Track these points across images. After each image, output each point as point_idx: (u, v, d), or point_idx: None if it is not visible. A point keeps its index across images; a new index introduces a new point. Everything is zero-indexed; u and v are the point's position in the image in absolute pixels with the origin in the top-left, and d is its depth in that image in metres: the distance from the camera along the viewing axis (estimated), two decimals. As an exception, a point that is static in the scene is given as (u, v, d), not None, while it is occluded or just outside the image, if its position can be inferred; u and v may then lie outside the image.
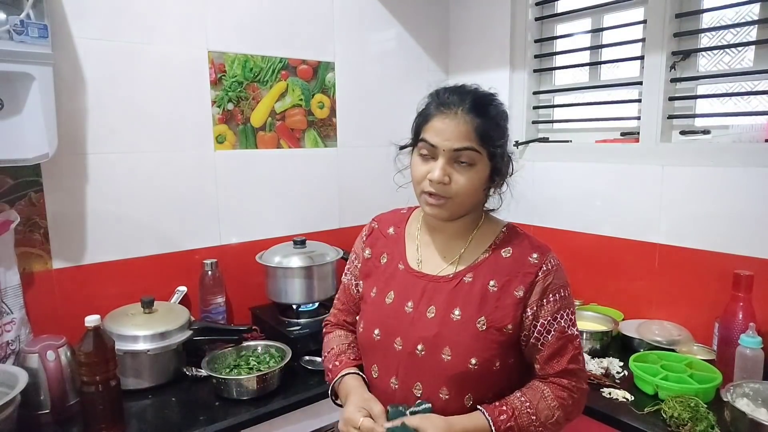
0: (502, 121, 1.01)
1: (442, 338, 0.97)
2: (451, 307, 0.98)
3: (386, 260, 1.11)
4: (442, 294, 1.00)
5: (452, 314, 0.98)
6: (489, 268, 1.00)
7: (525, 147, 2.10)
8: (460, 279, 1.00)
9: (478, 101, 0.97)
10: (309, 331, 1.60)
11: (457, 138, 0.95)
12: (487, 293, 0.98)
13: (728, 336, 1.37)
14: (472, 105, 0.96)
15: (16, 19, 1.20)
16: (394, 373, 1.01)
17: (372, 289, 1.10)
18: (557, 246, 1.95)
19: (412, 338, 0.99)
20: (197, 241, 1.73)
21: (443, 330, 0.97)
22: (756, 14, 1.52)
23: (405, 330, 1.00)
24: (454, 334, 0.96)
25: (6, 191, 1.39)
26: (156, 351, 1.37)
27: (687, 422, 1.16)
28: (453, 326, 0.97)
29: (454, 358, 0.95)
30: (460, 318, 0.97)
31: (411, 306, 1.01)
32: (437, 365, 0.96)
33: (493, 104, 1.00)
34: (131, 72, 1.55)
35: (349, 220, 2.07)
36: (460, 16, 2.27)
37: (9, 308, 1.36)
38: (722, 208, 1.53)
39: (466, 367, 0.95)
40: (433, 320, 0.99)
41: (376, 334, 1.04)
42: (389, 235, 1.14)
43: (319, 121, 1.98)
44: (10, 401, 1.09)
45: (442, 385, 0.96)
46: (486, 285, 0.98)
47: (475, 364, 0.94)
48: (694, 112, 1.68)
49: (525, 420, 0.93)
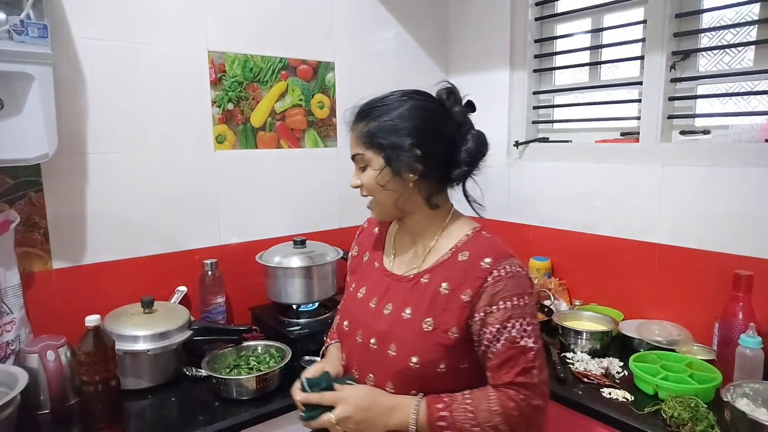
0: (399, 119, 1.00)
1: (390, 334, 1.01)
2: (404, 306, 1.02)
3: (367, 258, 1.19)
4: (400, 293, 1.05)
5: (404, 312, 1.01)
6: (445, 271, 1.01)
7: (525, 147, 2.10)
8: (418, 280, 1.04)
9: (363, 109, 1.04)
10: (309, 331, 1.60)
11: (352, 147, 1.05)
12: (437, 295, 0.99)
13: (728, 336, 1.37)
14: (357, 114, 1.05)
15: (16, 19, 1.20)
16: (356, 363, 1.08)
17: (352, 285, 1.18)
18: (557, 246, 1.97)
19: (369, 332, 1.05)
20: (197, 241, 1.73)
21: (393, 327, 1.02)
22: (756, 14, 1.52)
23: (366, 324, 1.07)
24: (401, 332, 1.00)
25: (6, 191, 1.39)
26: (156, 351, 1.37)
27: (687, 422, 1.16)
28: (402, 324, 1.01)
29: (397, 355, 0.99)
30: (409, 317, 1.00)
31: (374, 302, 1.08)
32: (384, 360, 1.01)
33: (384, 106, 1.01)
34: (131, 72, 1.55)
35: (349, 220, 2.07)
36: (459, 16, 2.27)
37: (9, 308, 1.36)
38: (722, 208, 1.53)
39: (407, 365, 0.97)
40: (387, 317, 1.04)
41: (345, 325, 1.13)
42: (373, 234, 1.21)
43: (319, 121, 1.98)
44: (10, 401, 1.09)
45: (388, 379, 1.01)
46: (438, 287, 1.00)
47: (416, 363, 0.97)
48: (694, 112, 1.68)
49: (461, 415, 0.92)
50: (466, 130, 1.05)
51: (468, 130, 1.05)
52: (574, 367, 1.48)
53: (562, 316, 1.70)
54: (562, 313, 1.72)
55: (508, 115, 2.13)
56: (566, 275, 1.96)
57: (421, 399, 0.96)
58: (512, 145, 2.12)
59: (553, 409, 1.40)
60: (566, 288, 1.94)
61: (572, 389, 1.38)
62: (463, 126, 1.05)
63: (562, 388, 1.38)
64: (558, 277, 1.98)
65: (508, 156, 2.14)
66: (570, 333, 1.58)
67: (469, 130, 1.05)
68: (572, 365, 1.49)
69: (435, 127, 1.01)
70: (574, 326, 1.60)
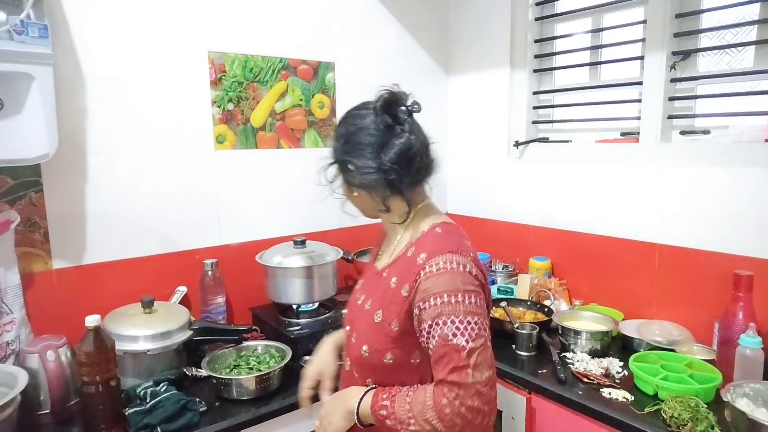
0: (336, 140, 1.07)
1: (354, 324, 1.11)
2: (368, 299, 1.09)
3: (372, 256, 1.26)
4: (371, 287, 1.12)
5: (366, 304, 1.08)
6: (398, 266, 1.05)
7: (525, 147, 2.10)
8: (381, 274, 1.09)
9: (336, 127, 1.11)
10: (309, 331, 1.60)
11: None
12: (388, 289, 1.03)
13: (728, 336, 1.37)
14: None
15: (16, 19, 1.20)
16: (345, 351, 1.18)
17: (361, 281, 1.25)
18: (557, 246, 1.98)
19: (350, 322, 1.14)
20: (197, 241, 1.73)
21: (357, 317, 1.10)
22: (756, 14, 1.52)
23: (350, 315, 1.16)
24: (360, 322, 1.08)
25: (6, 191, 1.39)
26: (156, 351, 1.37)
27: (687, 422, 1.16)
28: (362, 315, 1.08)
29: (355, 343, 1.08)
30: (368, 309, 1.07)
31: (361, 296, 1.14)
32: (350, 347, 1.11)
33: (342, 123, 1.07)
34: (131, 72, 1.55)
35: (349, 220, 2.07)
36: (459, 16, 2.27)
37: (9, 308, 1.36)
38: (722, 208, 1.53)
39: (360, 353, 1.05)
40: (359, 308, 1.11)
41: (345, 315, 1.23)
42: (383, 233, 1.24)
43: (319, 121, 1.98)
44: (10, 401, 1.09)
45: (353, 365, 1.10)
46: (390, 281, 1.04)
47: (365, 351, 1.04)
48: (694, 112, 1.68)
49: (400, 406, 0.94)
50: (397, 136, 1.01)
51: (397, 136, 1.01)
52: (574, 367, 1.48)
53: (562, 316, 1.70)
54: (562, 313, 1.72)
55: (508, 115, 2.13)
56: (566, 275, 1.96)
57: (372, 389, 1.02)
58: (512, 145, 2.12)
59: (553, 409, 1.40)
60: (566, 288, 1.94)
61: (572, 389, 1.38)
62: (393, 134, 1.01)
63: (562, 388, 1.38)
64: (558, 277, 1.98)
65: (508, 156, 2.14)
66: (570, 333, 1.58)
67: (396, 138, 1.01)
68: (572, 365, 1.49)
69: (361, 142, 1.02)
70: (574, 326, 1.60)
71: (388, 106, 1.01)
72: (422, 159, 1.03)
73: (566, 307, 1.85)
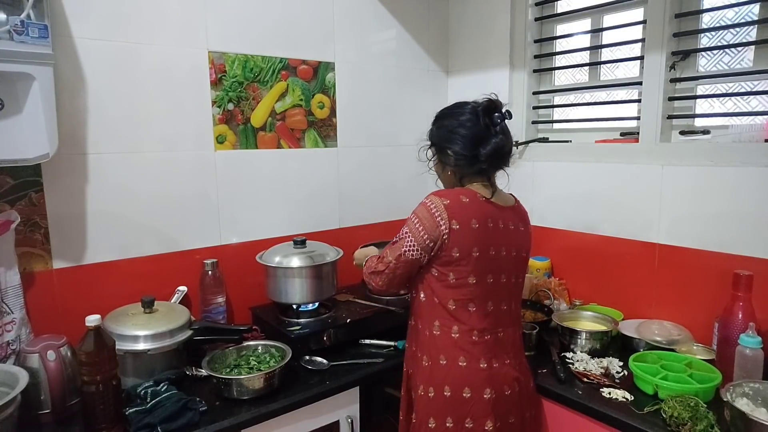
0: (453, 128, 1.30)
1: None
2: None
3: None
4: None
5: None
6: None
7: (525, 147, 2.10)
8: None
9: (435, 119, 1.39)
10: (309, 330, 1.60)
11: None
12: None
13: (728, 336, 1.37)
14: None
15: (16, 19, 1.20)
16: None
17: None
18: (557, 246, 1.98)
19: None
20: (197, 241, 1.73)
21: None
22: (756, 14, 1.52)
23: None
24: None
25: (6, 191, 1.39)
26: (156, 351, 1.37)
27: (687, 422, 1.17)
28: None
29: None
30: None
31: None
32: None
33: (444, 117, 1.34)
34: (131, 72, 1.55)
35: (349, 220, 2.08)
36: (459, 16, 2.27)
37: (9, 308, 1.36)
38: (722, 208, 1.53)
39: None
40: None
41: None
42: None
43: (319, 121, 1.98)
44: (11, 401, 1.09)
45: None
46: None
47: None
48: (693, 112, 1.68)
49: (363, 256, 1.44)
50: (494, 134, 1.26)
51: (495, 135, 1.26)
52: (574, 367, 1.48)
53: (561, 316, 1.70)
54: (561, 313, 1.73)
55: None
56: (566, 275, 1.97)
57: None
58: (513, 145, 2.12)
59: (553, 409, 1.41)
60: (566, 288, 1.94)
61: (572, 389, 1.38)
62: (490, 134, 1.26)
63: (561, 388, 1.39)
64: (558, 277, 1.98)
65: (508, 156, 2.15)
66: (570, 333, 1.58)
67: (494, 136, 1.26)
68: (572, 365, 1.50)
69: (460, 134, 1.27)
70: (574, 326, 1.60)
71: (488, 111, 1.26)
72: (509, 158, 1.31)
73: (566, 307, 1.85)
